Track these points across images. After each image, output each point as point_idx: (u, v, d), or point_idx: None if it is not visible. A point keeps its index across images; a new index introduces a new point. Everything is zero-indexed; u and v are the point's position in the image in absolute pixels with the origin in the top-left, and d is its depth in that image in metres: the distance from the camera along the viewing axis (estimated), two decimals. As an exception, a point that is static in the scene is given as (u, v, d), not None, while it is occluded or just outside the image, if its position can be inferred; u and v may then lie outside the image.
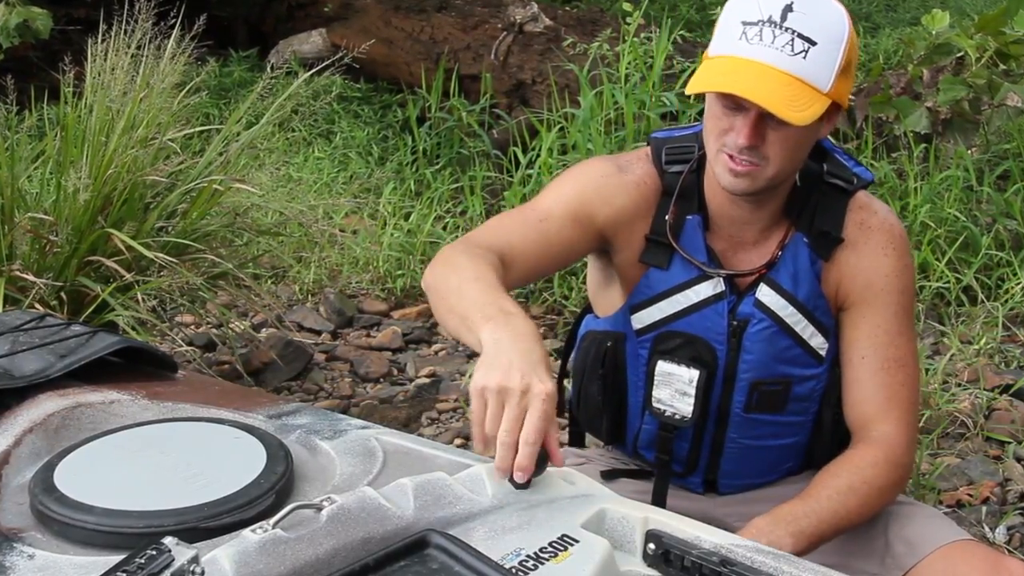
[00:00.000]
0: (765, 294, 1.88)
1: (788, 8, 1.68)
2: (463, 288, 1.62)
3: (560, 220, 1.87)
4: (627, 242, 1.92)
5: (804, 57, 1.68)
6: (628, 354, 1.97)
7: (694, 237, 1.90)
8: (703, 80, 1.74)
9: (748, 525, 1.72)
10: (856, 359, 1.89)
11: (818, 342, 1.90)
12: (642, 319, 1.93)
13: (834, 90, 1.71)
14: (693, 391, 1.89)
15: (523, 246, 1.83)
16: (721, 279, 1.88)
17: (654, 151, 1.94)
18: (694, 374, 1.89)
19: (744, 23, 1.71)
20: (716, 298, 1.89)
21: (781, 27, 1.68)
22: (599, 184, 1.91)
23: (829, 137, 1.94)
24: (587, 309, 2.13)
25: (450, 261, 1.72)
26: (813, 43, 1.68)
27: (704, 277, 1.89)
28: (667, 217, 1.89)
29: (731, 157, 1.75)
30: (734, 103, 1.72)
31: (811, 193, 1.90)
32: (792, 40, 1.68)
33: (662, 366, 1.91)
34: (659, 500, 1.98)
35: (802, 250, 1.88)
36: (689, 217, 1.90)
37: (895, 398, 1.87)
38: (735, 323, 1.88)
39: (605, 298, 2.04)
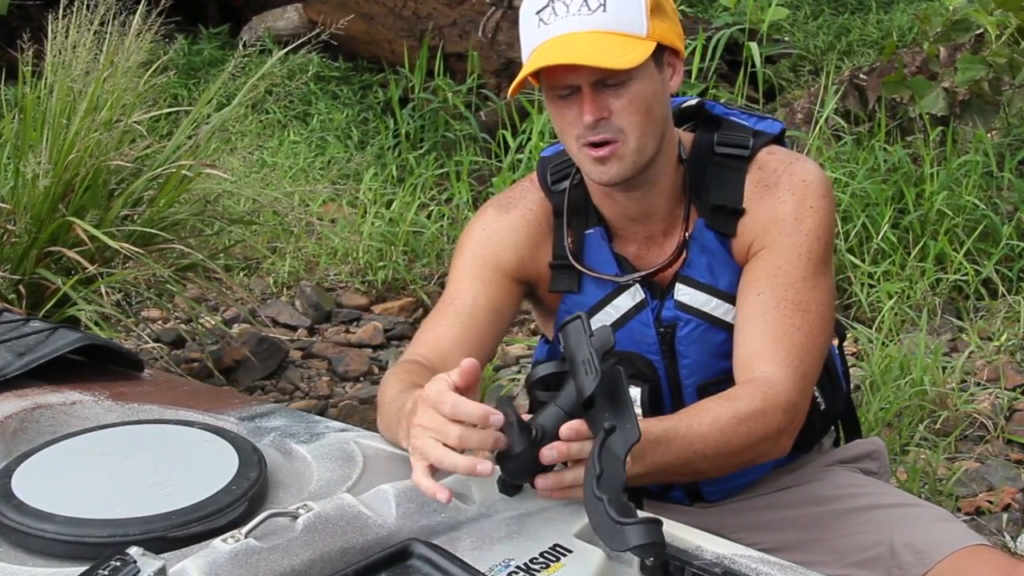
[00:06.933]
0: (684, 293, 1.88)
1: None
2: (389, 420, 1.70)
3: (471, 294, 1.91)
4: (539, 275, 1.96)
5: (604, 10, 1.72)
6: None
7: (599, 250, 1.91)
8: (519, 77, 1.76)
9: None
10: (752, 296, 1.83)
11: None
12: None
13: (654, 32, 1.74)
14: (639, 409, 1.89)
15: (451, 338, 1.88)
16: (639, 287, 1.89)
17: (540, 172, 1.98)
18: (635, 392, 1.89)
19: (536, 12, 1.76)
20: (638, 308, 1.90)
21: None
22: (485, 238, 1.95)
23: (755, 109, 1.93)
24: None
25: (382, 393, 1.80)
26: None
27: (620, 289, 1.90)
28: (567, 240, 1.92)
29: (591, 146, 1.76)
30: (565, 89, 1.75)
31: (706, 169, 1.89)
32: (585, 0, 1.72)
33: None
34: None
35: (707, 235, 1.88)
36: (589, 232, 1.92)
37: (785, 339, 1.77)
38: (663, 329, 1.89)
39: (547, 326, 2.07)
